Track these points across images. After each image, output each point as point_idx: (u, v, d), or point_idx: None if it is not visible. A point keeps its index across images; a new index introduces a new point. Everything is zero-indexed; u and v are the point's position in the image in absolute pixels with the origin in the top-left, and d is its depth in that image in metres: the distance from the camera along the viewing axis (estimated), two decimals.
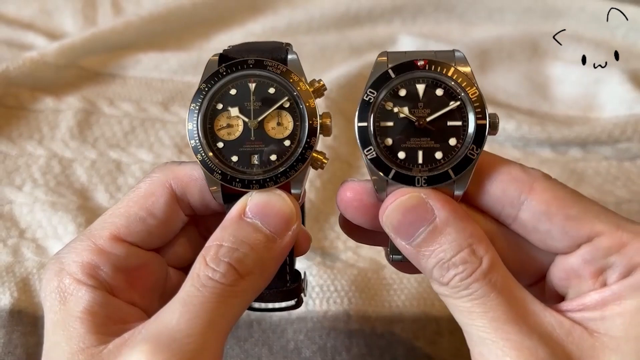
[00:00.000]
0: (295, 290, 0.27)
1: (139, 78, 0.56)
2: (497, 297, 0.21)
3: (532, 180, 0.23)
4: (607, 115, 0.56)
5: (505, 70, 0.61)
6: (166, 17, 0.61)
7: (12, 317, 0.38)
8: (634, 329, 0.20)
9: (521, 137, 0.52)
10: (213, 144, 0.25)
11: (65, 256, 0.25)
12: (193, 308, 0.21)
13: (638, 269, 0.21)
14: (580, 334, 0.21)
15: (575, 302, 0.22)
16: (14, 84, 0.52)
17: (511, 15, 0.65)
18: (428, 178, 0.23)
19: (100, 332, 0.23)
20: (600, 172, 0.51)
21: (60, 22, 0.63)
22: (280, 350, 0.39)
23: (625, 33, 0.64)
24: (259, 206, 0.24)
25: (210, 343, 0.21)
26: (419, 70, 0.23)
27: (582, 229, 0.23)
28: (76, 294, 0.23)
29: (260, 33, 0.63)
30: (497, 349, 0.21)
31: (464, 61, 0.24)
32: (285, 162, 0.25)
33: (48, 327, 0.24)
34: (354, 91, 0.55)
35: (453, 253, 0.22)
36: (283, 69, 0.25)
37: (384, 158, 0.24)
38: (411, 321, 0.40)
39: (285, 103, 0.25)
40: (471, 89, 0.23)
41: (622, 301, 0.21)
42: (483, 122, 0.23)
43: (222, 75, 0.25)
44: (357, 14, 0.64)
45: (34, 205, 0.44)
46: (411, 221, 0.23)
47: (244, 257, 0.23)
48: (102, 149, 0.49)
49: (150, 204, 0.25)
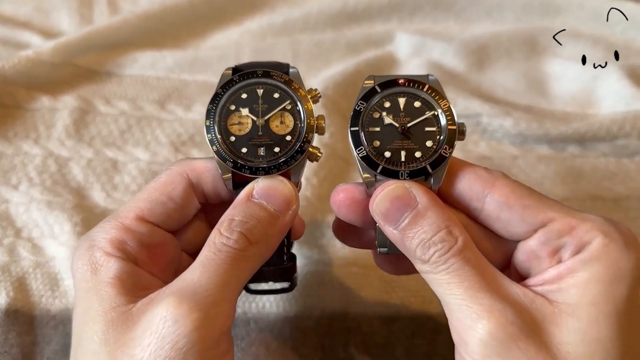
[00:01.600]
0: (290, 268, 0.32)
1: (135, 76, 0.56)
2: (471, 269, 0.25)
3: (494, 178, 0.27)
4: (605, 112, 0.56)
5: (503, 67, 0.60)
6: (162, 15, 0.60)
7: (7, 317, 0.38)
8: (586, 296, 0.24)
9: (519, 133, 0.52)
10: (226, 138, 0.30)
11: (95, 235, 0.28)
12: (211, 268, 0.25)
13: (586, 246, 0.25)
14: (542, 303, 0.25)
15: (536, 279, 0.26)
16: (10, 83, 0.52)
17: (509, 12, 0.65)
18: (410, 172, 0.28)
19: (128, 294, 0.26)
20: (599, 169, 0.51)
21: (56, 21, 0.63)
22: (278, 349, 0.39)
23: (623, 29, 0.64)
24: (264, 189, 0.28)
25: (226, 297, 0.25)
26: (400, 86, 0.29)
27: (538, 216, 0.26)
28: (106, 264, 0.27)
29: (256, 31, 0.63)
30: (472, 313, 0.24)
31: (436, 83, 0.29)
32: (287, 154, 0.29)
33: (80, 295, 0.27)
34: (350, 89, 0.55)
35: (433, 233, 0.26)
36: (286, 78, 0.31)
37: (372, 156, 0.28)
38: (409, 319, 0.40)
39: (288, 105, 0.30)
40: (443, 101, 0.28)
41: (575, 274, 0.25)
42: (453, 127, 0.28)
43: (235, 82, 0.30)
44: (354, 11, 0.64)
45: (30, 204, 0.44)
46: (397, 207, 0.27)
47: (253, 228, 0.27)
48: (98, 147, 0.49)
49: (170, 190, 0.29)
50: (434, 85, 0.29)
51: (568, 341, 0.24)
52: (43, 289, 0.40)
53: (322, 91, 0.53)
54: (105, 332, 0.25)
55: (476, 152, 0.52)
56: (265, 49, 0.60)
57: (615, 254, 0.24)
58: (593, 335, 0.23)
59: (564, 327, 0.24)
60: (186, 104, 0.54)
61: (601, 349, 0.23)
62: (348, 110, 0.55)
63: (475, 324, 0.24)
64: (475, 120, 0.53)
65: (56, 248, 0.42)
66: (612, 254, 0.24)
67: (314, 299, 0.40)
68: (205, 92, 0.55)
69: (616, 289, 0.24)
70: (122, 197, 0.46)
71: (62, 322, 0.39)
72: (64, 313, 0.39)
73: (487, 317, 0.24)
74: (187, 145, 0.50)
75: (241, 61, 0.58)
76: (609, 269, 0.24)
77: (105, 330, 0.25)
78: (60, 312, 0.39)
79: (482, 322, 0.24)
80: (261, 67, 0.31)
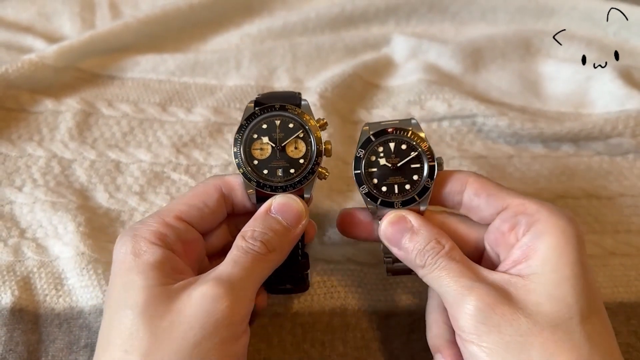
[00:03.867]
0: (304, 264, 0.37)
1: (137, 79, 0.57)
2: (456, 264, 0.32)
3: (467, 176, 0.35)
4: (598, 112, 0.56)
5: (498, 69, 0.61)
6: (163, 19, 0.61)
7: (13, 316, 0.38)
8: (548, 265, 0.30)
9: (514, 133, 0.53)
10: (250, 162, 0.36)
11: (138, 227, 0.33)
12: (240, 265, 0.31)
13: (535, 224, 0.31)
14: (516, 280, 0.30)
15: (508, 262, 0.32)
16: (14, 87, 0.53)
17: (504, 15, 0.66)
18: (402, 202, 0.35)
19: (167, 276, 0.30)
20: (593, 167, 0.52)
21: (58, 25, 0.64)
22: (278, 344, 0.39)
23: (617, 30, 0.65)
24: (280, 205, 0.34)
25: (250, 287, 0.31)
26: (389, 134, 0.36)
27: (498, 201, 0.33)
28: (149, 250, 0.31)
29: (256, 34, 0.64)
30: (458, 294, 0.30)
31: (417, 126, 0.36)
32: (300, 174, 0.35)
33: (119, 274, 0.31)
34: (348, 91, 0.56)
35: (425, 243, 0.33)
36: (299, 111, 0.36)
37: (372, 192, 0.35)
38: (407, 315, 0.41)
39: (300, 134, 0.36)
40: (423, 143, 0.36)
41: (537, 250, 0.31)
42: (432, 163, 0.35)
43: (257, 115, 0.36)
44: (351, 15, 0.65)
45: (34, 205, 0.45)
46: (398, 230, 0.34)
47: (270, 239, 0.32)
48: (101, 149, 0.50)
49: (206, 198, 0.35)
50: (415, 129, 0.36)
51: (538, 302, 0.29)
52: (47, 288, 0.40)
53: (321, 93, 0.54)
54: (145, 302, 0.29)
55: (472, 152, 0.52)
56: (265, 52, 0.61)
57: (562, 227, 0.31)
58: (557, 295, 0.29)
59: (534, 292, 0.29)
60: (187, 106, 0.55)
61: (565, 304, 0.29)
62: (346, 111, 0.56)
63: (462, 301, 0.30)
64: (471, 120, 0.54)
65: (60, 248, 0.42)
66: (559, 228, 0.31)
67: (314, 296, 0.41)
68: (206, 95, 0.56)
69: (569, 255, 0.30)
70: (124, 198, 0.47)
71: (66, 320, 0.39)
72: (67, 312, 0.39)
73: (468, 293, 0.30)
74: (189, 146, 0.51)
75: (241, 64, 0.59)
76: (560, 240, 0.30)
77: (146, 300, 0.29)
78: (64, 311, 0.39)
79: (466, 298, 0.30)
80: (278, 99, 0.37)
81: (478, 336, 0.29)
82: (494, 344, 0.28)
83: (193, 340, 0.28)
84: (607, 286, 0.43)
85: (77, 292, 0.40)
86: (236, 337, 0.30)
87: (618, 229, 0.47)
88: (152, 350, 0.28)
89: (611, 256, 0.45)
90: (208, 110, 0.54)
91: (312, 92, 0.55)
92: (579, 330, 0.28)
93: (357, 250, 0.44)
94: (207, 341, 0.28)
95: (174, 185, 0.48)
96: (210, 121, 0.53)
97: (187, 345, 0.28)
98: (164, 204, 0.46)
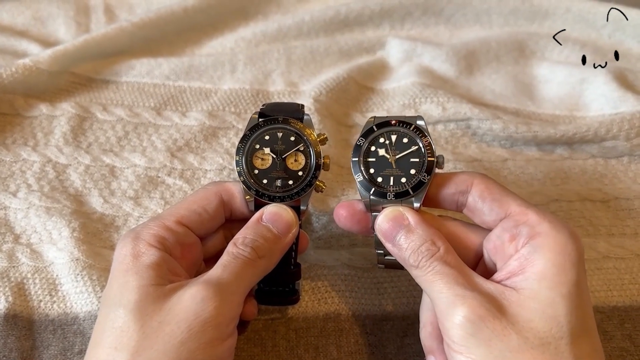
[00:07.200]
0: (296, 273, 0.37)
1: (131, 83, 0.57)
2: (450, 269, 0.31)
3: (473, 178, 0.34)
4: (592, 114, 0.57)
5: (492, 72, 0.61)
6: (158, 23, 0.61)
7: (7, 322, 0.38)
8: (544, 282, 0.29)
9: (508, 136, 0.53)
10: (251, 170, 0.36)
11: (140, 230, 0.33)
12: (229, 269, 0.32)
13: (536, 237, 0.31)
14: (510, 292, 0.30)
15: (503, 272, 0.31)
16: (8, 91, 0.53)
17: (498, 17, 0.66)
18: (395, 194, 0.34)
19: (163, 277, 0.31)
20: (587, 170, 0.52)
21: (53, 30, 0.64)
22: (272, 349, 0.39)
23: (611, 33, 0.65)
24: (271, 214, 0.35)
25: (239, 291, 0.32)
26: (392, 126, 0.36)
27: (502, 207, 0.33)
28: (147, 252, 0.32)
29: (251, 38, 0.64)
30: (450, 302, 0.29)
31: (422, 124, 0.35)
32: (298, 186, 0.36)
33: (117, 275, 0.32)
34: (343, 94, 0.56)
35: (420, 243, 0.32)
36: (300, 125, 0.37)
37: (367, 181, 0.35)
38: (400, 319, 0.41)
39: (301, 147, 0.37)
40: (425, 138, 0.35)
41: (534, 264, 0.30)
42: (432, 159, 0.35)
43: (260, 126, 0.37)
44: (346, 18, 0.65)
45: (29, 210, 0.45)
46: (394, 226, 0.33)
47: (261, 245, 0.33)
48: (95, 154, 0.50)
49: (206, 204, 0.36)
50: (419, 126, 0.35)
51: (530, 319, 0.28)
52: (42, 294, 0.40)
53: (315, 96, 0.54)
54: (138, 301, 0.30)
55: (467, 155, 0.52)
56: (260, 55, 0.61)
57: (562, 244, 0.30)
58: (550, 313, 0.28)
59: (527, 308, 0.29)
60: (182, 110, 0.55)
61: (556, 324, 0.28)
62: (340, 115, 0.56)
63: (453, 310, 0.29)
64: (466, 123, 0.54)
65: (54, 253, 0.42)
66: (560, 244, 0.30)
67: (308, 301, 0.41)
68: (201, 99, 0.56)
69: (567, 273, 0.29)
70: (119, 203, 0.47)
71: (61, 326, 0.39)
72: (62, 318, 0.39)
73: (461, 303, 0.29)
74: (183, 150, 0.51)
75: (236, 68, 0.59)
76: (558, 257, 0.30)
77: (139, 300, 0.30)
78: (59, 317, 0.39)
79: (457, 308, 0.29)
80: (282, 111, 0.37)
81: (467, 348, 0.28)
82: (482, 358, 0.28)
83: (180, 339, 0.29)
84: (601, 290, 0.43)
85: (71, 298, 0.40)
86: (222, 339, 0.30)
87: (612, 232, 0.47)
88: (141, 347, 0.28)
89: (605, 259, 0.45)
90: (203, 114, 0.54)
91: (306, 95, 0.55)
92: (568, 351, 0.28)
93: (351, 255, 0.44)
94: (193, 341, 0.29)
95: (169, 190, 0.48)
96: (205, 125, 0.53)
97: (174, 343, 0.28)
98: (158, 208, 0.46)
